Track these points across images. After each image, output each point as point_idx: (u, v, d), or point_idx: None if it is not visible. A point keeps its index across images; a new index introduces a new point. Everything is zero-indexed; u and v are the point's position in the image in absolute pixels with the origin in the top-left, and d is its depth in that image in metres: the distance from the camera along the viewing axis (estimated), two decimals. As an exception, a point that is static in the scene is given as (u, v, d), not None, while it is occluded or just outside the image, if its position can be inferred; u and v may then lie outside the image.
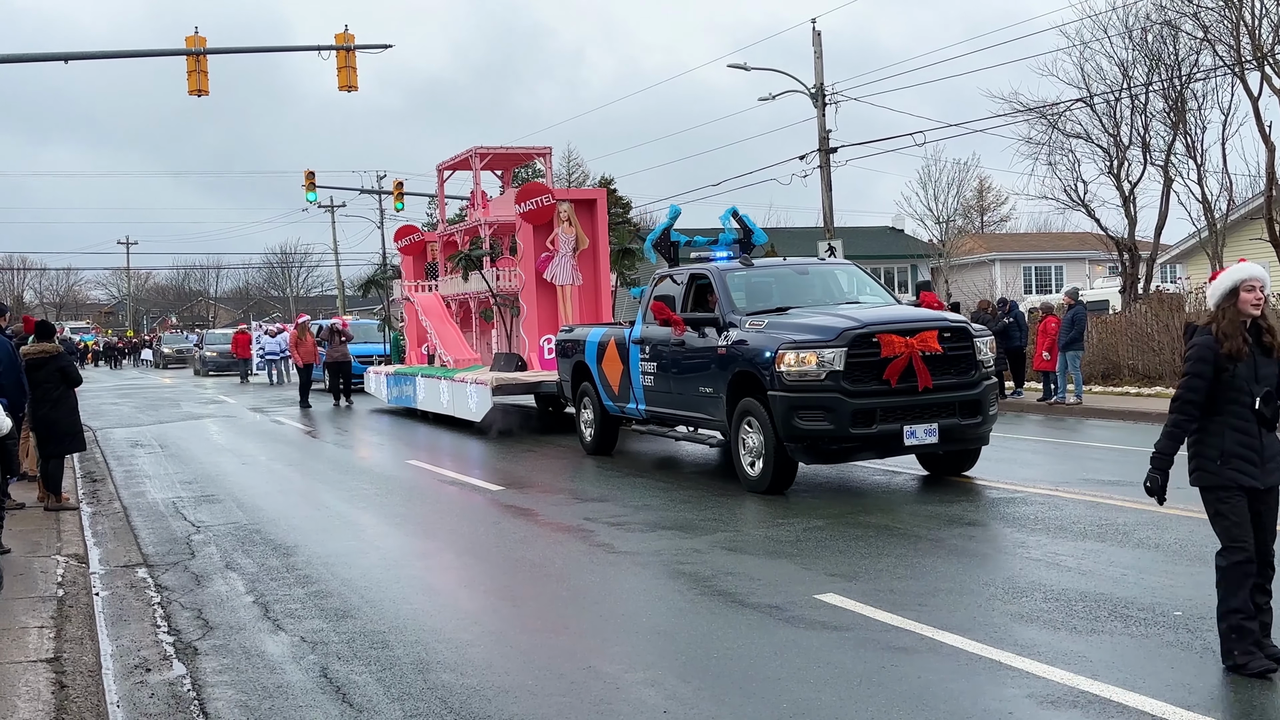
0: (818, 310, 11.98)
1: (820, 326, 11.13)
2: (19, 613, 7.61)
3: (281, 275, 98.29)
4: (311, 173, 45.31)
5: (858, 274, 13.69)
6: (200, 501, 12.89)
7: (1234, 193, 30.08)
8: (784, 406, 10.92)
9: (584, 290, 20.36)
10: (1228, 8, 26.65)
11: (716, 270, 12.94)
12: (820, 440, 10.92)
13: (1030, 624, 6.66)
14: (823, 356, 10.79)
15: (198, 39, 24.87)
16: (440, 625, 7.28)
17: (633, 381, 14.09)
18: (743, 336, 11.69)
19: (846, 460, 11.73)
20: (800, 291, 12.89)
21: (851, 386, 10.79)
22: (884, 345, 10.80)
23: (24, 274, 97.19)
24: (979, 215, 67.21)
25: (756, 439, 11.41)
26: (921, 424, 10.95)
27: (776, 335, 11.22)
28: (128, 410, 28.30)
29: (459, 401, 19.87)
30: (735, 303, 12.31)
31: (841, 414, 10.75)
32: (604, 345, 14.94)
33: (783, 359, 10.93)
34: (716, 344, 12.06)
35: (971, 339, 11.31)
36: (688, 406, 12.94)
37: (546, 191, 20.03)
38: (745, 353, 11.53)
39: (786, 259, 15.84)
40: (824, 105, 32.18)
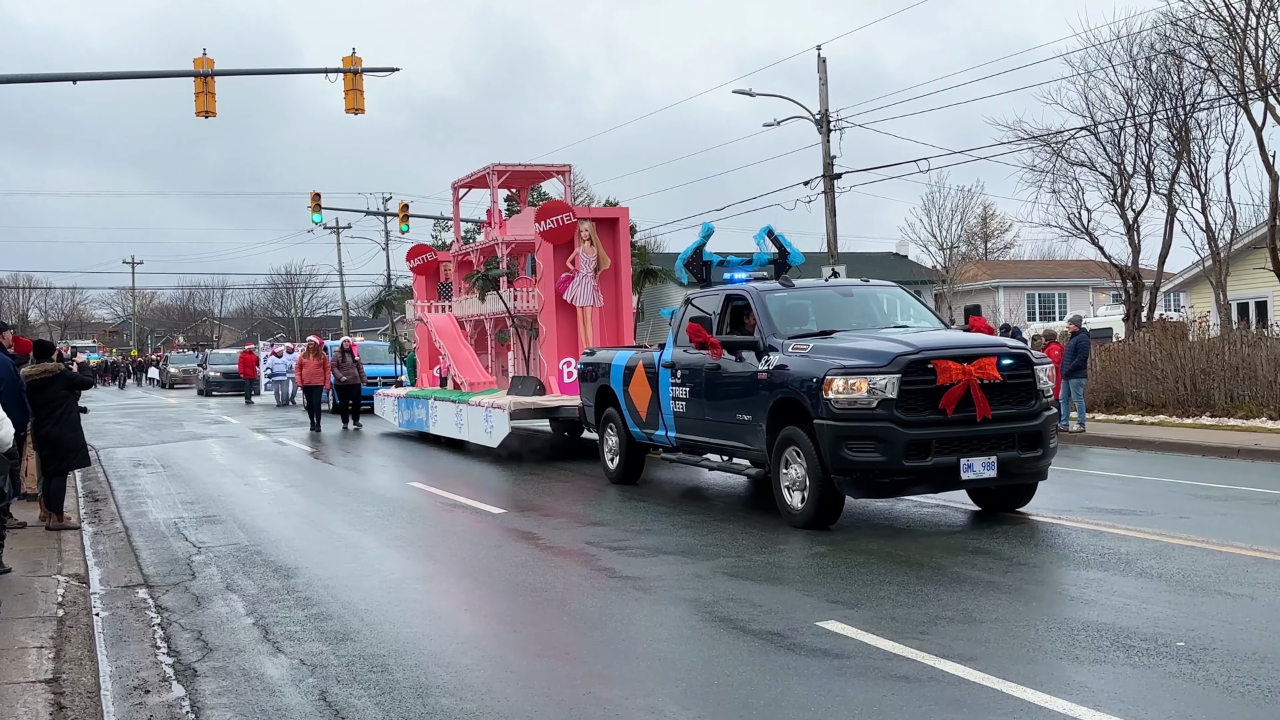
0: (866, 334, 11.33)
1: (871, 351, 10.50)
2: (19, 632, 7.60)
3: (286, 296, 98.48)
4: (317, 194, 45.51)
5: (903, 296, 13.00)
6: (202, 522, 12.88)
7: (1238, 222, 30.09)
8: (831, 436, 10.26)
9: (605, 312, 19.71)
10: (1231, 38, 26.74)
11: (755, 291, 12.27)
12: (871, 473, 10.23)
13: (1032, 653, 6.63)
14: (874, 383, 10.12)
15: (205, 61, 25.00)
16: (440, 649, 7.26)
17: (662, 407, 13.45)
18: (785, 361, 11.03)
19: (898, 495, 11.07)
20: (844, 314, 12.22)
21: (905, 416, 10.12)
22: (940, 372, 10.15)
23: (29, 293, 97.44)
24: (983, 242, 67.29)
25: (799, 470, 10.77)
26: (980, 457, 10.28)
27: (823, 360, 10.57)
28: (131, 430, 28.31)
29: (475, 426, 19.21)
30: (776, 325, 11.61)
31: (894, 445, 10.06)
32: (631, 369, 14.30)
33: (830, 385, 10.26)
34: (756, 369, 11.40)
35: (1032, 366, 10.65)
36: (723, 434, 12.28)
37: (567, 210, 19.40)
38: (788, 378, 10.88)
39: (827, 279, 15.24)
40: (828, 131, 32.27)
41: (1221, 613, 7.42)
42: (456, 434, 20.21)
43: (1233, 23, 26.64)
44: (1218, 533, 10.13)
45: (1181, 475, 14.61)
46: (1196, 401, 21.76)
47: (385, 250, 63.07)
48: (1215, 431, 19.13)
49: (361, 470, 18.55)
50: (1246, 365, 21.26)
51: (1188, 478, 14.33)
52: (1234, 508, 11.97)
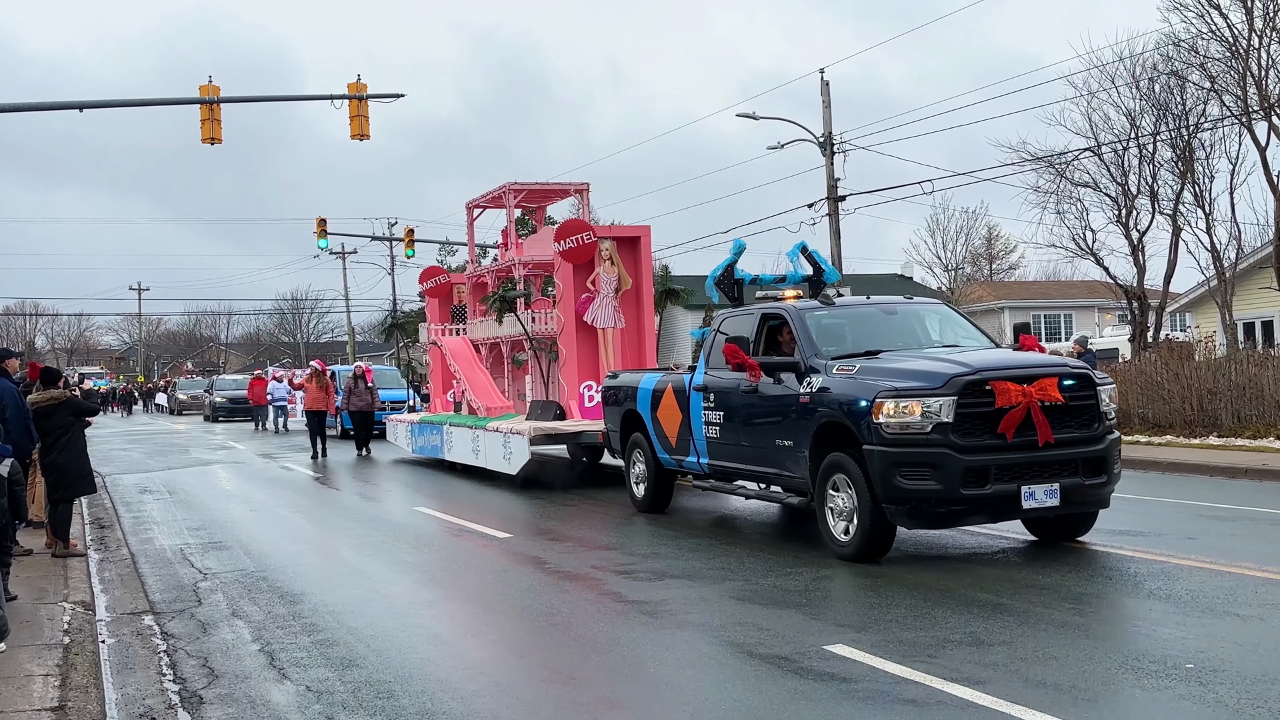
0: (916, 354, 10.73)
1: (924, 372, 9.88)
2: (25, 660, 7.59)
3: (292, 321, 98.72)
4: (323, 220, 45.70)
5: (950, 314, 12.44)
6: (208, 548, 12.88)
7: (1243, 241, 30.06)
8: (883, 463, 9.65)
9: (626, 333, 19.08)
10: (1234, 59, 26.81)
11: (794, 310, 11.64)
12: (926, 502, 9.59)
13: (1041, 676, 6.60)
14: (928, 406, 9.51)
15: (212, 88, 25.14)
16: (446, 675, 7.24)
17: (694, 433, 12.83)
18: (829, 383, 10.41)
19: (954, 525, 10.37)
20: (889, 333, 11.60)
21: (962, 441, 9.50)
22: (999, 394, 9.54)
23: (36, 319, 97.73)
24: (988, 263, 67.35)
25: (847, 499, 10.14)
26: (1041, 484, 9.66)
27: (872, 382, 9.94)
28: (137, 456, 28.33)
29: (492, 452, 18.62)
30: (818, 345, 11.00)
31: (951, 472, 9.45)
32: (660, 392, 13.73)
33: (881, 409, 9.64)
34: (797, 391, 10.75)
35: (1095, 387, 10.05)
36: (760, 461, 11.65)
37: (588, 228, 18.88)
38: (833, 401, 10.27)
39: (870, 297, 14.60)
40: (832, 154, 32.36)
41: (1231, 634, 7.39)
42: (473, 461, 19.69)
43: (1235, 43, 26.72)
44: (1226, 553, 10.09)
45: (1189, 496, 14.56)
46: (1203, 422, 21.71)
47: (391, 275, 63.30)
48: (1222, 452, 19.07)
49: (368, 495, 18.53)
50: (1253, 385, 21.21)
51: (1195, 498, 14.29)
52: (1242, 528, 11.93)
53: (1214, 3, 26.88)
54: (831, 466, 10.31)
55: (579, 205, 22.31)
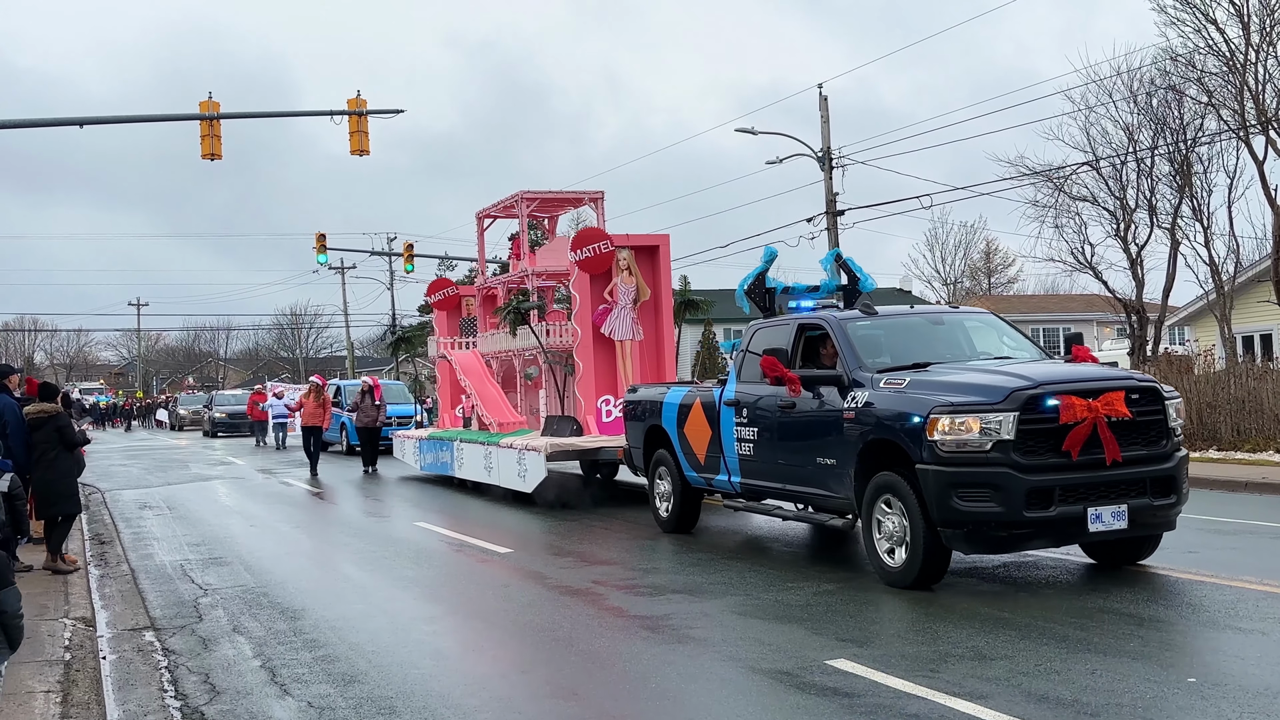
0: (969, 367, 10.16)
1: (982, 386, 9.30)
2: (25, 677, 7.58)
3: (291, 336, 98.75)
4: (323, 235, 45.75)
5: (998, 324, 11.85)
6: (208, 564, 12.87)
7: (1241, 255, 30.15)
8: (939, 484, 9.05)
9: (645, 346, 18.44)
10: (1231, 73, 26.91)
11: (835, 319, 11.05)
12: (985, 525, 9.00)
13: (1042, 689, 6.59)
14: (988, 422, 8.92)
15: (211, 104, 25.19)
16: (448, 691, 7.23)
17: (724, 450, 12.24)
18: (876, 398, 9.82)
19: (1015, 549, 9.69)
20: (936, 344, 11.00)
21: (1024, 460, 8.92)
22: (1063, 409, 8.95)
23: (35, 335, 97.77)
24: (986, 277, 67.48)
25: (897, 522, 9.55)
26: (1109, 505, 9.08)
27: (925, 396, 9.35)
28: (137, 472, 28.31)
29: (506, 470, 17.92)
30: (861, 357, 10.41)
31: (1013, 493, 8.85)
32: (687, 408, 13.11)
33: (936, 425, 9.05)
34: (840, 407, 10.16)
35: (1163, 401, 9.48)
36: (799, 480, 11.05)
37: (605, 237, 18.20)
38: (882, 417, 9.68)
39: (914, 306, 13.94)
40: (831, 168, 32.44)
41: (1232, 648, 7.39)
42: (485, 478, 19.06)
43: (1232, 58, 26.83)
44: (1226, 567, 10.10)
45: (1189, 509, 14.50)
46: (1203, 435, 21.72)
47: (390, 290, 63.32)
48: (1222, 465, 19.08)
49: (368, 511, 18.52)
50: (1253, 399, 21.24)
51: (1195, 512, 14.27)
52: (1243, 542, 11.93)
53: (1211, 17, 27.02)
54: (880, 487, 9.72)
55: (595, 214, 21.36)
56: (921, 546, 9.33)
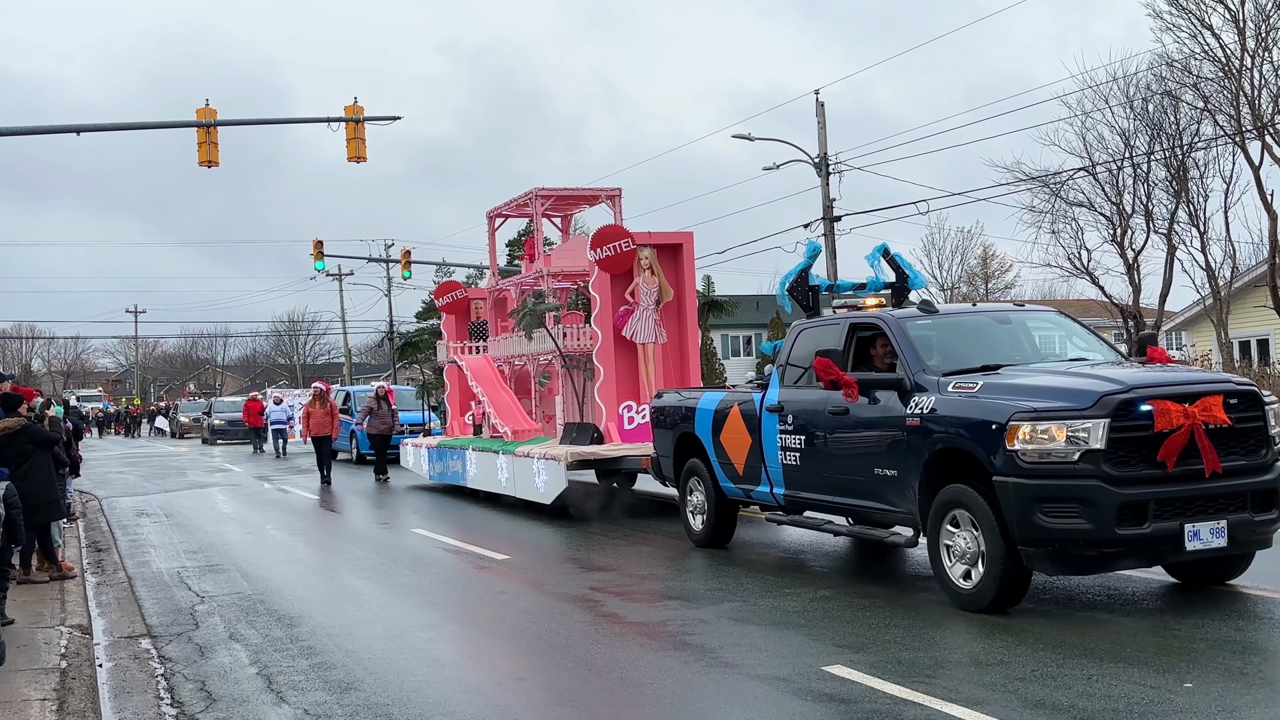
0: (1045, 369, 9.39)
1: (1067, 390, 8.51)
2: (21, 684, 7.57)
3: (289, 343, 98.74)
4: (320, 242, 45.66)
5: (1067, 324, 11.10)
6: (205, 571, 12.85)
7: (1237, 260, 30.26)
8: (1021, 498, 8.25)
9: (668, 349, 17.60)
10: (1227, 79, 26.97)
11: (892, 319, 10.25)
12: (1072, 544, 8.19)
13: (1039, 695, 6.59)
14: (1075, 430, 8.13)
15: (209, 111, 25.17)
16: (444, 698, 7.23)
17: (766, 459, 11.44)
18: (944, 403, 9.03)
19: (1104, 570, 8.79)
20: (1004, 345, 10.23)
21: (1115, 471, 8.12)
22: (1158, 415, 8.14)
23: (32, 342, 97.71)
24: (983, 282, 67.45)
25: (970, 539, 8.73)
26: (1207, 521, 8.25)
27: (1001, 401, 8.56)
28: (134, 479, 28.29)
29: (523, 480, 17.10)
30: (924, 359, 9.63)
31: (1104, 508, 8.05)
32: (723, 414, 12.25)
33: (1017, 433, 8.26)
34: (902, 413, 9.38)
35: (1263, 406, 8.65)
36: (852, 492, 10.24)
37: (626, 235, 17.30)
38: (952, 424, 8.90)
39: (976, 304, 12.98)
40: (828, 175, 32.50)
41: (1226, 649, 7.38)
42: (499, 489, 18.25)
43: (1228, 63, 26.89)
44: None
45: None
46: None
47: (388, 296, 63.34)
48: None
49: (366, 518, 18.50)
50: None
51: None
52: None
53: (1206, 23, 27.10)
54: (949, 501, 8.90)
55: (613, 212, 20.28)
56: (999, 567, 8.48)
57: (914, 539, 9.69)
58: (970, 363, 9.60)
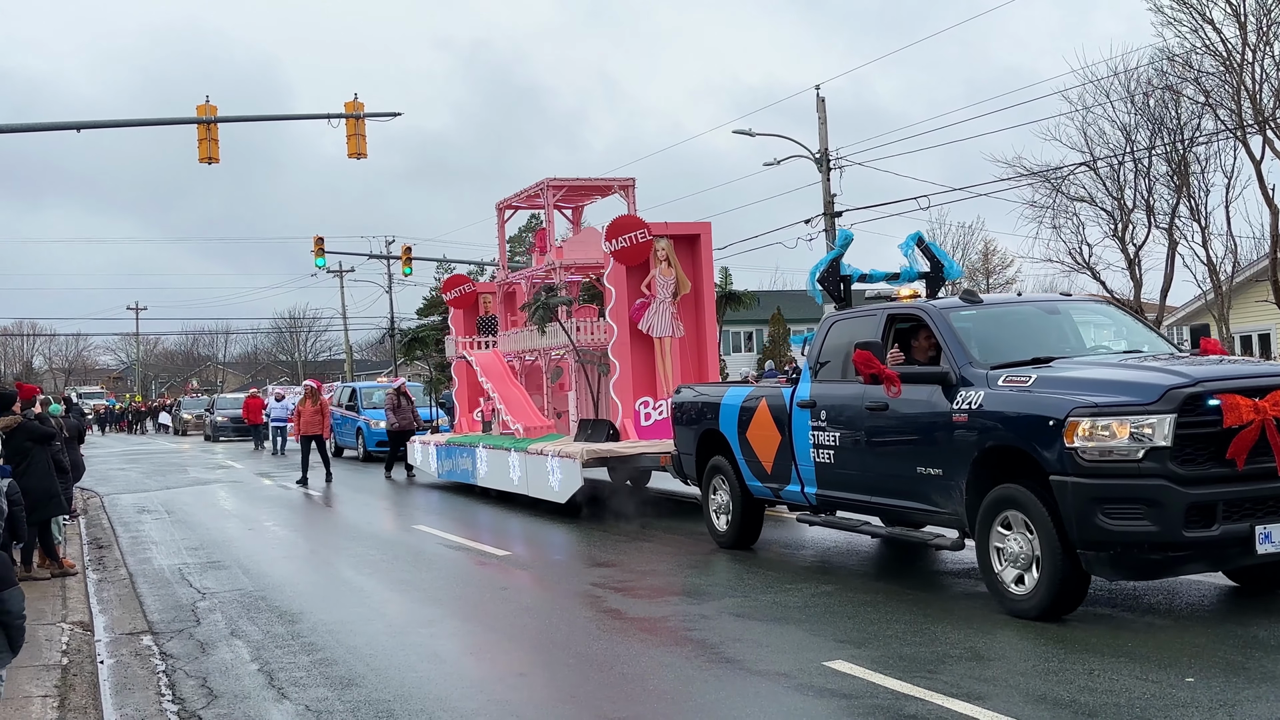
0: (1102, 362, 8.98)
1: (1130, 383, 8.05)
2: (23, 681, 7.58)
3: (290, 340, 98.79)
4: (320, 238, 45.67)
5: (1118, 315, 10.71)
6: (206, 568, 12.86)
7: (1239, 255, 30.22)
8: (1080, 499, 7.79)
9: (685, 343, 17.07)
10: (1228, 73, 26.95)
11: (935, 309, 9.81)
12: (1136, 547, 7.73)
13: (1040, 689, 6.59)
14: (1139, 426, 7.67)
15: (209, 108, 25.18)
16: (446, 694, 7.23)
17: (797, 457, 10.98)
18: (994, 398, 8.56)
19: (1169, 574, 8.34)
20: (1052, 337, 9.79)
21: (1182, 470, 7.64)
22: (1226, 410, 7.68)
23: (34, 340, 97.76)
24: (985, 278, 67.44)
25: (1023, 542, 8.29)
26: (1279, 522, 7.79)
27: (1059, 396, 8.11)
28: (135, 476, 28.30)
29: (536, 478, 16.68)
30: (970, 352, 9.17)
31: (1171, 510, 7.57)
32: (750, 410, 11.79)
33: (1076, 430, 7.80)
34: (947, 408, 8.93)
35: None
36: (891, 492, 9.78)
37: (643, 226, 16.79)
38: (1003, 420, 8.44)
39: (1020, 294, 12.45)
40: (828, 170, 32.47)
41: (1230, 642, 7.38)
42: (511, 487, 17.76)
43: (1229, 57, 26.87)
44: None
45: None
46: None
47: (389, 293, 63.40)
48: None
49: (367, 515, 18.50)
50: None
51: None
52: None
53: (1208, 17, 27.07)
54: (1000, 502, 8.47)
55: (626, 203, 19.75)
56: (1056, 571, 8.04)
57: (959, 541, 9.27)
58: (1018, 355, 9.16)
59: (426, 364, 40.19)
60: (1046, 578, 8.12)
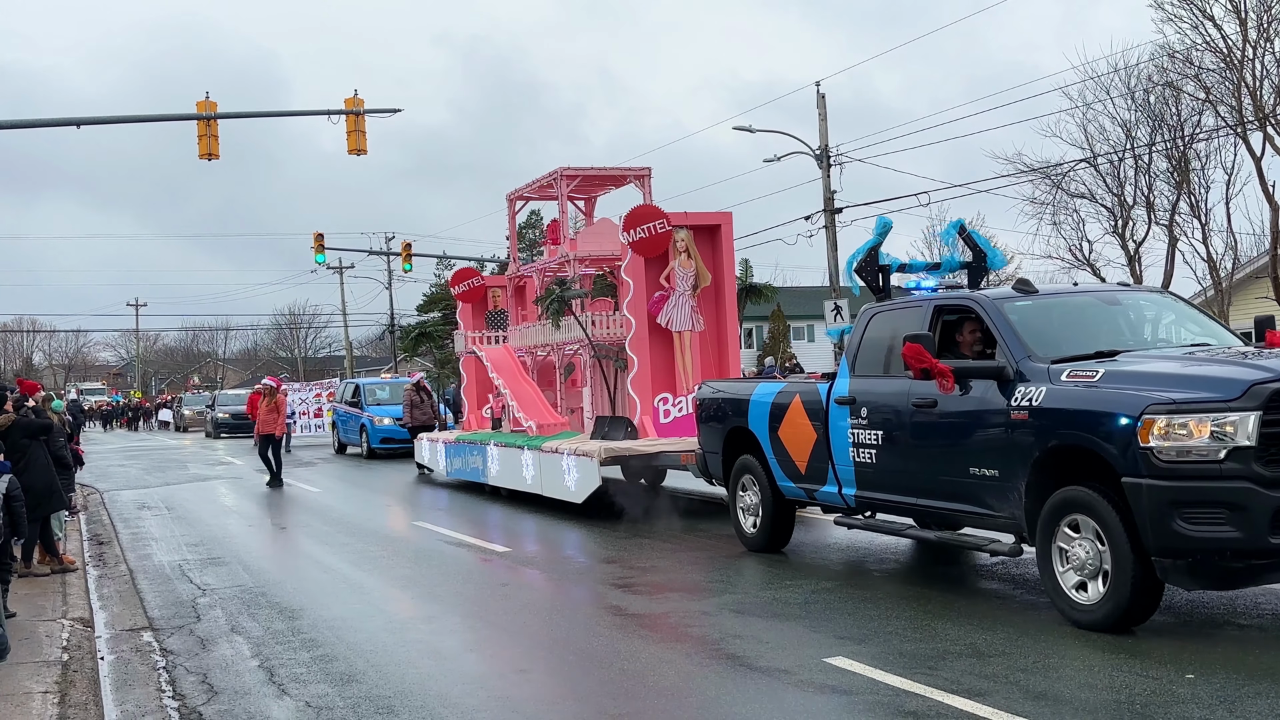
0: (1173, 356, 8.40)
1: (1207, 378, 7.54)
2: (23, 677, 7.58)
3: (290, 336, 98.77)
4: (320, 235, 45.67)
5: (1179, 305, 10.16)
6: (206, 564, 12.86)
7: (1239, 252, 30.24)
8: (1156, 503, 7.24)
9: (705, 337, 16.57)
10: (1229, 69, 26.93)
11: (989, 300, 9.28)
12: (1217, 554, 7.19)
13: (1040, 686, 6.59)
14: (1221, 424, 7.14)
15: (209, 104, 25.19)
16: (446, 690, 7.23)
17: (835, 456, 10.45)
18: (1056, 394, 8.04)
19: (1251, 584, 7.77)
20: (1112, 329, 9.28)
21: (1268, 472, 7.11)
22: None
23: (34, 336, 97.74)
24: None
25: (1090, 549, 7.77)
26: None
27: (1131, 391, 7.57)
28: (135, 472, 28.30)
29: (551, 477, 16.15)
30: (1029, 345, 8.62)
31: (1256, 515, 7.05)
32: (783, 407, 11.21)
33: (1151, 428, 7.26)
34: (1004, 405, 8.41)
35: None
36: (941, 494, 9.20)
37: (662, 216, 16.22)
38: (1068, 418, 7.91)
39: (1076, 284, 11.93)
40: (828, 167, 32.44)
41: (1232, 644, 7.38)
42: (524, 486, 17.22)
43: (1230, 54, 26.86)
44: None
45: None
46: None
47: (389, 289, 63.37)
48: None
49: (367, 511, 18.50)
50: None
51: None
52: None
53: (1208, 14, 27.06)
54: (1065, 505, 7.94)
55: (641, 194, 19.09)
56: (1128, 581, 7.51)
57: (1016, 547, 8.75)
58: (1078, 348, 8.61)
59: (428, 360, 40.17)
60: (1117, 587, 7.60)
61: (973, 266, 11.29)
